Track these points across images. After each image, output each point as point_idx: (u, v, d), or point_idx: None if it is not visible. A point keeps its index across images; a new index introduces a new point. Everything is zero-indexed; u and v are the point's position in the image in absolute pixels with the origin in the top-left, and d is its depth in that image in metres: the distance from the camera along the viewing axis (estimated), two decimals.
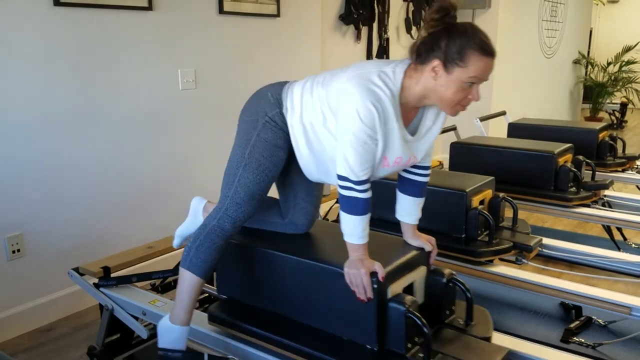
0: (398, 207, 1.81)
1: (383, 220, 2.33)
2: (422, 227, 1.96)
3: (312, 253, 1.73)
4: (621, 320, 2.46)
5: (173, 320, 1.74)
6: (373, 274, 1.53)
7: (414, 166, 1.75)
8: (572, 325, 2.48)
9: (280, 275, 1.75)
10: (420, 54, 1.53)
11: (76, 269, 2.24)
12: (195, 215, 2.00)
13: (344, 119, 1.52)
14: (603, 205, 3.20)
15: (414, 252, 1.72)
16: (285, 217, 1.87)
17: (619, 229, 3.47)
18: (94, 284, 2.19)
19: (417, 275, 1.70)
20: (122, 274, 2.24)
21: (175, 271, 2.31)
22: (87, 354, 2.22)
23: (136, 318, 2.09)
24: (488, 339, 1.70)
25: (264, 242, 1.82)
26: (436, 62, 1.50)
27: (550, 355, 1.76)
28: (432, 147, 1.74)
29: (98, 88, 2.74)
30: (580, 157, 3.22)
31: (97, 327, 2.22)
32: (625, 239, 3.52)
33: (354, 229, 1.57)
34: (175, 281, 2.33)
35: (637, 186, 3.89)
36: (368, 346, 1.58)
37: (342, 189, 1.56)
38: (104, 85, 2.77)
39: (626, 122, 9.13)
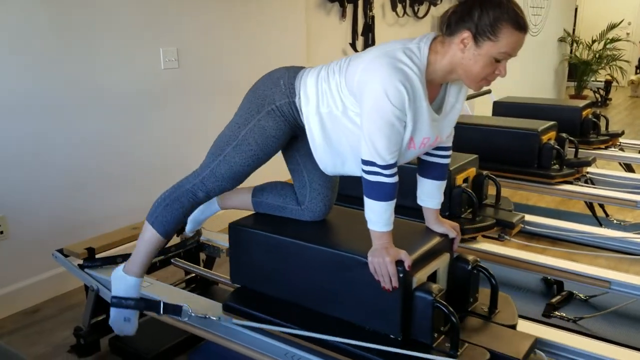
0: (419, 192, 1.76)
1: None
2: (406, 205, 1.97)
3: (333, 241, 1.69)
4: (601, 294, 2.51)
5: (127, 271, 1.80)
6: (399, 263, 1.48)
7: (437, 148, 1.70)
8: (553, 300, 2.52)
9: (299, 264, 1.70)
10: (450, 25, 1.47)
11: (60, 250, 2.23)
12: (210, 201, 2.00)
13: (370, 101, 1.45)
14: (586, 182, 3.24)
15: (437, 239, 1.68)
16: (302, 204, 1.82)
17: (601, 206, 3.52)
18: (78, 265, 2.19)
19: (441, 263, 1.66)
20: (107, 254, 2.23)
21: (160, 252, 2.30)
22: (73, 334, 2.22)
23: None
24: (514, 327, 1.67)
25: (282, 229, 1.77)
26: (466, 34, 1.43)
27: (532, 329, 1.79)
28: (453, 127, 1.68)
29: (79, 68, 2.70)
30: (564, 135, 3.24)
31: (83, 308, 2.22)
32: (607, 215, 3.57)
33: (380, 216, 1.51)
34: (160, 262, 2.34)
35: (620, 163, 3.94)
36: (392, 336, 1.54)
37: (367, 174, 1.50)
38: (85, 66, 2.73)
39: (610, 99, 9.20)
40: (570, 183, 3.11)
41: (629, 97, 9.96)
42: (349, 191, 2.32)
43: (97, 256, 2.20)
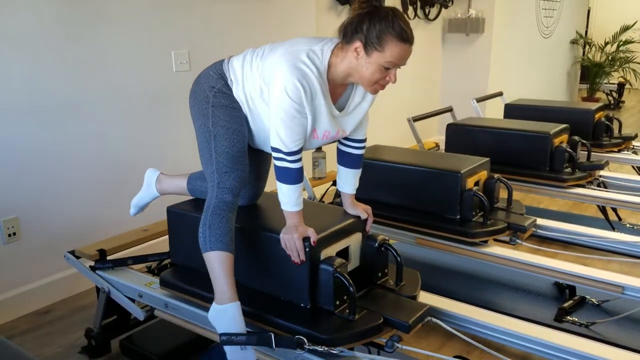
0: (338, 179, 1.93)
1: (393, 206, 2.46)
2: (417, 208, 1.98)
3: (255, 222, 1.87)
4: (614, 299, 2.48)
5: (220, 302, 1.67)
6: (306, 239, 1.65)
7: (350, 140, 1.84)
8: (565, 305, 2.50)
9: None
10: (346, 34, 1.61)
11: (72, 252, 2.24)
12: (148, 186, 2.16)
13: (274, 94, 1.61)
14: (598, 185, 3.21)
15: (350, 220, 1.85)
16: None
17: (614, 209, 3.48)
18: (90, 266, 2.20)
19: (352, 241, 1.84)
20: (118, 256, 2.24)
21: (167, 255, 2.31)
22: (84, 336, 2.24)
23: (132, 300, 2.11)
24: (414, 297, 1.84)
25: None
26: (358, 44, 1.59)
27: (544, 334, 1.78)
28: (366, 121, 1.83)
29: (90, 71, 2.72)
30: (576, 138, 3.22)
31: (94, 310, 2.24)
32: (620, 219, 3.53)
33: (289, 198, 1.67)
34: (171, 263, 2.34)
35: (633, 166, 3.90)
36: (302, 304, 1.73)
37: (275, 160, 1.65)
38: (97, 68, 2.74)
39: (623, 102, 9.11)
40: (583, 186, 3.09)
41: None
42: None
43: (108, 258, 2.22)
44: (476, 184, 2.50)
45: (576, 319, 2.39)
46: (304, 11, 3.89)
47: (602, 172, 3.28)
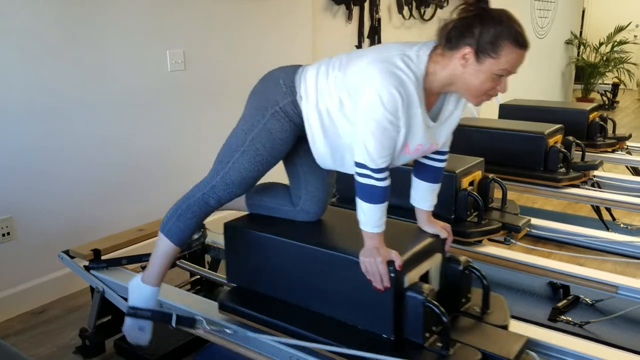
0: (413, 193, 1.77)
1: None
2: (412, 208, 1.96)
3: (326, 241, 1.70)
4: (608, 299, 2.50)
5: (145, 281, 1.78)
6: (390, 263, 1.49)
7: (433, 152, 1.70)
8: (559, 304, 2.51)
9: (293, 263, 1.72)
10: (449, 39, 1.46)
11: (67, 252, 2.24)
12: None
13: (364, 104, 1.46)
14: (592, 185, 3.22)
15: (429, 239, 1.69)
16: (296, 205, 1.83)
17: (608, 209, 3.50)
18: (84, 266, 2.19)
19: (433, 263, 1.67)
20: (113, 256, 2.24)
21: None
22: (78, 336, 2.23)
23: (127, 300, 2.10)
24: (505, 327, 1.67)
25: (277, 229, 1.78)
26: (467, 50, 1.43)
27: (538, 334, 1.78)
28: (452, 132, 1.70)
29: (85, 70, 2.71)
30: (570, 138, 3.23)
31: (89, 310, 2.23)
32: (614, 219, 3.55)
33: (371, 217, 1.53)
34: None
35: (627, 166, 3.92)
36: (384, 335, 1.55)
37: (359, 176, 1.51)
38: (91, 68, 2.74)
39: (618, 102, 9.16)
40: (577, 186, 3.10)
41: (636, 100, 9.90)
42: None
43: (102, 258, 2.21)
44: (471, 184, 2.50)
45: (570, 319, 2.40)
46: (300, 11, 3.89)
47: (596, 172, 3.30)
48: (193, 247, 2.37)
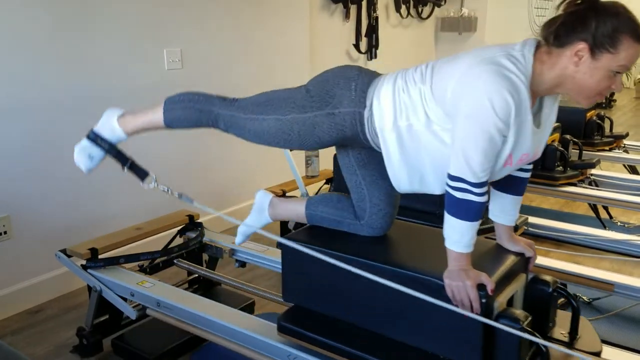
0: (493, 207, 1.62)
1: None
2: (410, 206, 1.94)
3: (400, 259, 1.53)
4: (605, 297, 2.50)
5: (121, 123, 1.81)
6: (480, 287, 1.35)
7: None
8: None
9: (361, 283, 1.49)
10: (558, 36, 1.33)
11: (64, 251, 2.23)
12: (260, 211, 1.86)
13: (469, 111, 1.32)
14: (590, 184, 3.23)
15: (514, 259, 1.53)
16: (361, 219, 1.68)
17: (605, 208, 3.50)
18: (81, 265, 2.19)
19: (518, 285, 1.51)
20: (110, 255, 2.23)
21: (163, 252, 2.31)
22: (76, 335, 2.22)
23: (124, 299, 2.10)
24: (598, 354, 1.53)
25: (340, 245, 1.62)
26: (581, 46, 1.31)
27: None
28: None
29: (83, 68, 2.71)
30: (568, 137, 3.23)
31: (86, 309, 2.23)
32: (611, 217, 3.55)
33: (462, 236, 1.38)
34: (164, 262, 2.34)
35: (624, 165, 3.93)
36: None
37: (454, 190, 1.36)
38: (89, 66, 2.73)
39: (615, 101, 9.17)
40: (574, 185, 3.10)
41: (633, 99, 9.92)
42: None
43: (100, 257, 2.21)
44: None
45: None
46: (297, 10, 3.88)
47: (593, 171, 3.30)
48: (191, 246, 2.37)
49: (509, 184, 1.58)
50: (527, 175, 1.60)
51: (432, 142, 1.43)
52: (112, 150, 1.79)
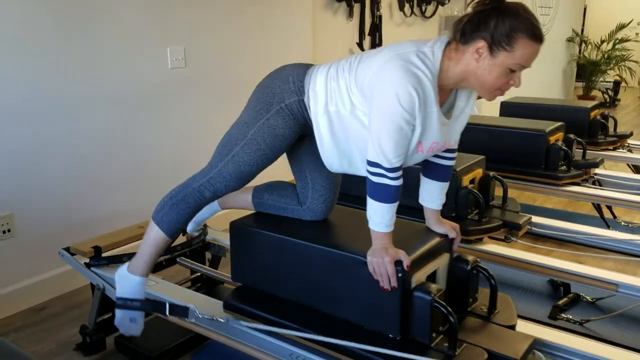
0: (422, 192, 1.76)
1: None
2: (413, 206, 1.96)
3: (333, 240, 1.70)
4: (608, 297, 2.49)
5: (132, 270, 1.78)
6: (398, 263, 1.49)
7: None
8: (560, 302, 2.51)
9: (299, 263, 1.71)
10: (464, 33, 1.44)
11: (67, 249, 2.24)
12: None
13: (380, 103, 1.44)
14: (593, 183, 3.22)
15: (437, 239, 1.69)
16: (303, 204, 1.82)
17: (609, 207, 3.49)
18: (85, 263, 2.19)
19: (441, 263, 1.67)
20: (113, 253, 2.23)
21: (166, 251, 2.31)
22: (79, 332, 2.23)
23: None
24: (513, 327, 1.67)
25: (283, 228, 1.78)
26: (481, 43, 1.42)
27: (538, 332, 1.78)
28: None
29: (85, 67, 2.71)
30: (572, 136, 3.22)
31: (89, 306, 2.23)
32: (614, 217, 3.54)
33: (382, 217, 1.51)
34: (166, 261, 2.34)
35: (628, 164, 3.91)
36: (391, 335, 1.55)
37: (372, 175, 1.50)
38: (92, 64, 2.73)
39: (619, 100, 9.15)
40: (578, 184, 3.09)
41: (637, 98, 9.89)
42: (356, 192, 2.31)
43: (103, 255, 2.21)
44: (471, 181, 2.50)
45: (571, 317, 2.40)
46: (301, 8, 3.88)
47: (597, 170, 3.29)
48: (194, 244, 2.37)
49: (434, 172, 1.72)
50: (451, 163, 1.72)
51: (357, 126, 1.55)
52: (146, 304, 1.78)
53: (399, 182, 1.51)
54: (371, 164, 1.49)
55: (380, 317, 1.56)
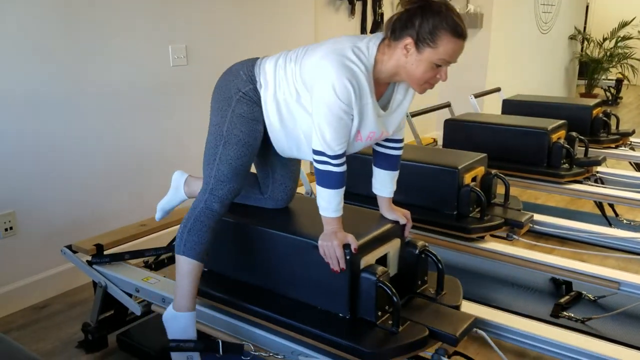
0: (374, 182, 1.84)
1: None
2: (414, 203, 1.98)
3: (289, 226, 1.79)
4: (610, 295, 2.49)
5: (177, 309, 1.72)
6: (346, 246, 1.58)
7: (388, 140, 1.78)
8: (562, 300, 2.51)
9: (258, 248, 1.81)
10: (394, 30, 1.54)
11: (69, 247, 2.24)
12: (176, 189, 2.06)
13: (319, 95, 1.53)
14: (595, 181, 3.22)
15: (388, 225, 1.78)
16: (264, 193, 1.90)
17: (611, 205, 3.49)
18: (87, 261, 2.20)
19: (391, 247, 1.76)
20: (115, 251, 2.24)
21: (168, 249, 2.31)
22: (81, 330, 2.24)
23: (130, 295, 2.10)
24: (457, 307, 1.76)
25: (243, 216, 1.87)
26: (408, 40, 1.51)
27: (540, 330, 1.78)
28: (404, 121, 1.77)
29: (87, 65, 2.71)
30: (574, 134, 3.22)
31: (91, 304, 2.23)
32: (617, 215, 3.54)
33: (329, 203, 1.60)
34: (169, 258, 2.35)
35: (630, 162, 3.91)
36: (341, 314, 1.65)
37: (317, 163, 1.58)
38: (94, 62, 2.73)
39: (621, 98, 9.12)
40: (580, 182, 3.09)
41: None
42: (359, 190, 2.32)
43: (105, 252, 2.22)
44: (473, 179, 2.50)
45: (572, 315, 2.40)
46: (303, 6, 3.88)
47: (599, 168, 3.29)
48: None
49: (384, 162, 1.80)
50: (398, 152, 1.80)
51: (302, 113, 1.63)
52: (199, 344, 1.72)
53: (343, 169, 1.59)
54: (316, 152, 1.58)
55: (332, 297, 1.66)
